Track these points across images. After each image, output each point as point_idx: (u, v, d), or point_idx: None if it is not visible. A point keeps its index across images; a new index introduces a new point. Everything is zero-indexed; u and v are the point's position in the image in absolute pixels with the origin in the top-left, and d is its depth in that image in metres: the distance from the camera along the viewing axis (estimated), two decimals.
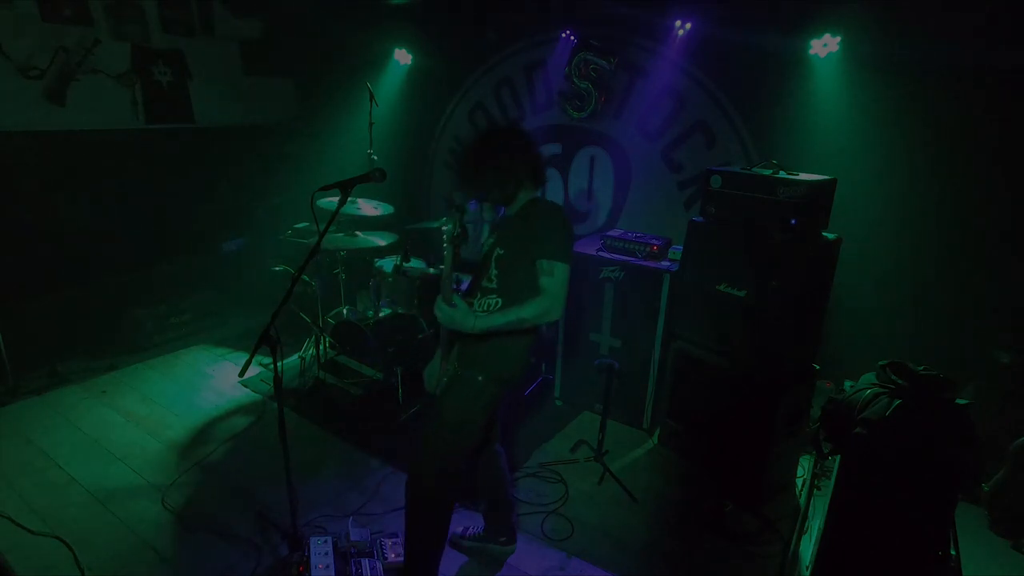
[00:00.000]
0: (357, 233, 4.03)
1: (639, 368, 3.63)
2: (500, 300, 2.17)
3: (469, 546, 2.72)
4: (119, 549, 2.68)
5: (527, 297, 2.08)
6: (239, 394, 4.03)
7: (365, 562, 2.52)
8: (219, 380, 4.21)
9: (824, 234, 2.93)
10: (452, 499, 2.32)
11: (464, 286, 3.91)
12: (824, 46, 3.32)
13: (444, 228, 2.25)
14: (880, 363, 2.29)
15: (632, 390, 3.67)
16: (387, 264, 4.10)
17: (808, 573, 2.53)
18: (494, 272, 2.19)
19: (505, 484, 2.60)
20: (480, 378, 2.18)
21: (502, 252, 2.19)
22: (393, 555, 2.58)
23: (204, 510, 2.94)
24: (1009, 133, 2.99)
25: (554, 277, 2.05)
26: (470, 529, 2.78)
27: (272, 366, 2.35)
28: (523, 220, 2.19)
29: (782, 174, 2.90)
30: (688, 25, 3.72)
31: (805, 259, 2.84)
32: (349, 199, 2.34)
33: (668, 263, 3.53)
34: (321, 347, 4.15)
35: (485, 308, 2.18)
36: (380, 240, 4.04)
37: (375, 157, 4.03)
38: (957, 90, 3.06)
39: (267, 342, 2.22)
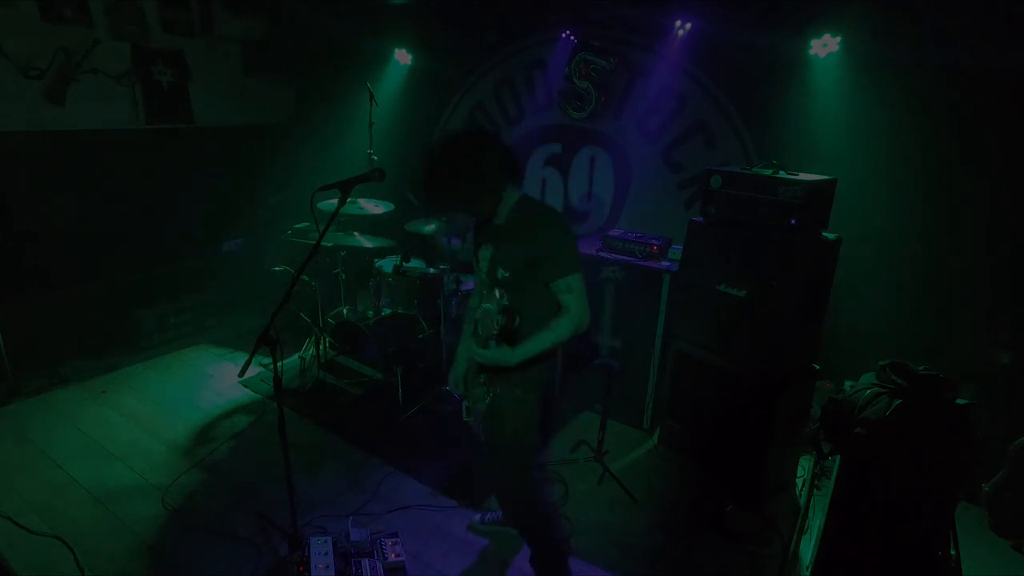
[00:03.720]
0: (355, 234, 4.03)
1: (639, 368, 3.63)
2: (518, 317, 2.11)
3: (488, 530, 2.80)
4: (119, 549, 2.68)
5: (543, 309, 2.07)
6: (239, 394, 4.03)
7: (365, 562, 2.52)
8: (219, 380, 4.21)
9: (824, 234, 2.93)
10: (545, 491, 2.45)
11: (469, 287, 3.92)
12: (824, 46, 3.31)
13: (482, 307, 2.20)
14: (880, 363, 2.29)
15: (632, 390, 3.67)
16: (387, 264, 4.10)
17: (808, 573, 2.53)
18: (502, 293, 2.14)
19: None
20: (518, 391, 2.18)
21: (507, 276, 2.12)
22: (393, 555, 2.58)
23: (204, 510, 2.94)
24: (1010, 133, 2.98)
25: (573, 292, 2.04)
26: (488, 516, 2.85)
27: (272, 366, 2.35)
28: (518, 232, 2.09)
29: (782, 174, 2.90)
30: (688, 25, 3.72)
31: (805, 259, 2.84)
32: (349, 199, 2.34)
33: (668, 263, 3.53)
34: (321, 347, 4.15)
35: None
36: (369, 243, 4.03)
37: (375, 157, 4.03)
38: (957, 90, 3.06)
39: (267, 342, 2.22)
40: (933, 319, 3.27)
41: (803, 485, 3.16)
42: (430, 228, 3.81)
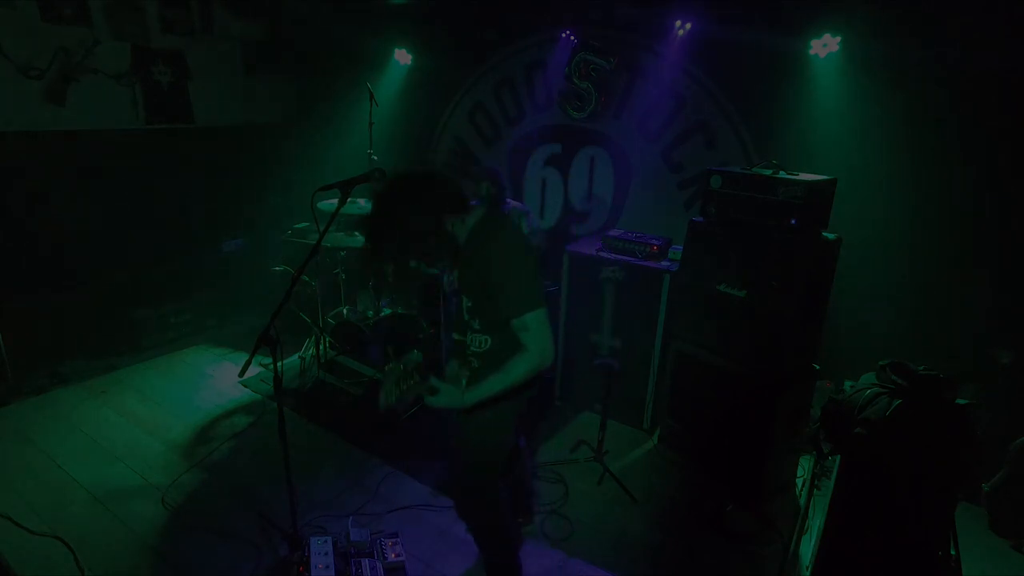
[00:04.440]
0: (356, 234, 4.03)
1: (639, 368, 3.63)
2: (489, 338, 2.06)
3: None
4: (119, 549, 2.68)
5: (511, 340, 1.94)
6: (239, 394, 4.03)
7: (365, 562, 2.52)
8: (219, 380, 4.21)
9: (824, 234, 2.93)
10: (507, 510, 2.33)
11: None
12: (824, 46, 3.31)
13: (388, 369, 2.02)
14: (880, 363, 2.29)
15: (632, 390, 3.67)
16: None
17: (808, 573, 2.53)
18: (470, 317, 2.08)
19: (527, 472, 2.66)
20: (488, 414, 2.08)
21: (470, 304, 2.05)
22: (393, 555, 2.58)
23: (204, 510, 2.94)
24: (1010, 133, 2.98)
25: (530, 331, 1.88)
26: None
27: (272, 366, 2.35)
28: (472, 260, 1.97)
29: (782, 174, 2.90)
30: (688, 25, 3.72)
31: (805, 259, 2.84)
32: (349, 199, 2.34)
33: (668, 263, 3.53)
34: (321, 347, 4.15)
35: (477, 346, 2.09)
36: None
37: (375, 157, 4.03)
38: (957, 90, 3.06)
39: (267, 342, 2.22)
40: (933, 319, 3.27)
41: (803, 485, 3.16)
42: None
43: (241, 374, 2.46)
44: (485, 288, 1.94)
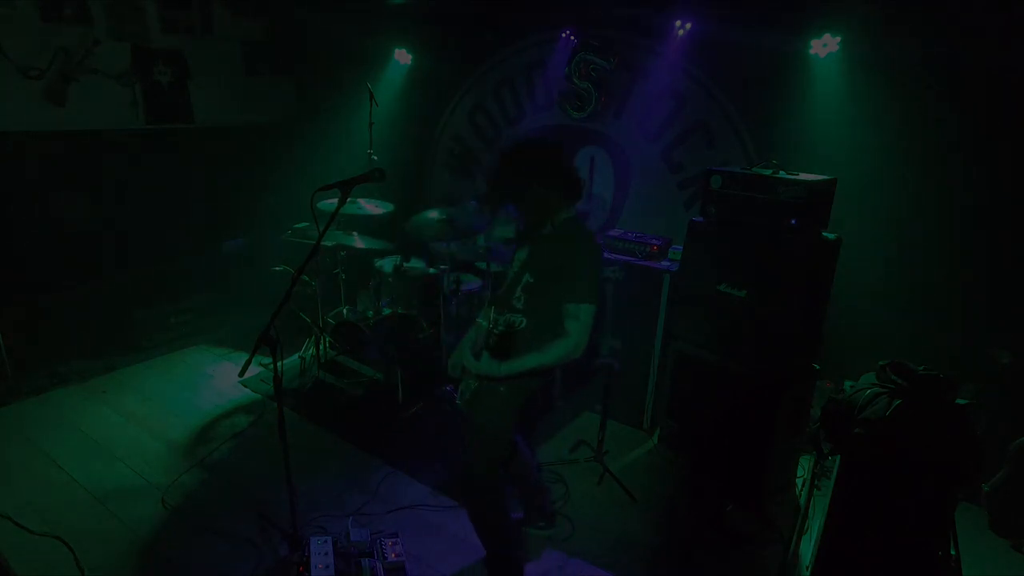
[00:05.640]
0: (354, 233, 4.02)
1: (639, 368, 3.63)
2: (524, 320, 2.20)
3: None
4: (119, 549, 2.68)
5: (550, 323, 2.12)
6: (239, 394, 4.03)
7: (365, 562, 2.53)
8: (219, 380, 4.21)
9: (824, 234, 2.93)
10: (504, 490, 2.42)
11: (469, 287, 3.93)
12: (824, 46, 3.31)
13: (480, 321, 2.35)
14: (880, 363, 2.29)
15: (632, 390, 3.67)
16: (387, 264, 4.10)
17: (808, 573, 2.53)
18: (521, 294, 2.22)
19: (532, 468, 2.68)
20: (501, 388, 2.21)
21: (532, 281, 2.19)
22: (393, 555, 2.58)
23: (204, 510, 2.94)
24: (1010, 133, 2.98)
25: (580, 320, 2.07)
26: None
27: (272, 366, 2.35)
28: (557, 248, 2.16)
29: (782, 174, 2.90)
30: (688, 25, 3.72)
31: (805, 259, 2.84)
32: (349, 199, 2.34)
33: (668, 263, 3.53)
34: (321, 347, 4.15)
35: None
36: (375, 246, 4.04)
37: (375, 157, 4.03)
38: (957, 91, 3.06)
39: (267, 342, 2.22)
40: (933, 319, 3.27)
41: (803, 485, 3.16)
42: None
43: (241, 374, 2.46)
44: (558, 269, 2.11)
